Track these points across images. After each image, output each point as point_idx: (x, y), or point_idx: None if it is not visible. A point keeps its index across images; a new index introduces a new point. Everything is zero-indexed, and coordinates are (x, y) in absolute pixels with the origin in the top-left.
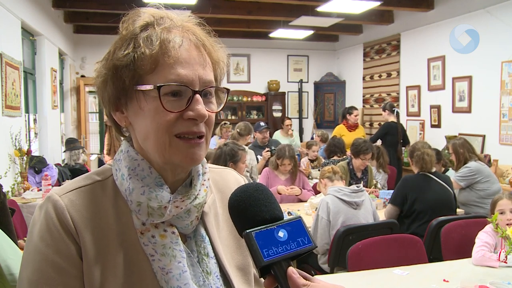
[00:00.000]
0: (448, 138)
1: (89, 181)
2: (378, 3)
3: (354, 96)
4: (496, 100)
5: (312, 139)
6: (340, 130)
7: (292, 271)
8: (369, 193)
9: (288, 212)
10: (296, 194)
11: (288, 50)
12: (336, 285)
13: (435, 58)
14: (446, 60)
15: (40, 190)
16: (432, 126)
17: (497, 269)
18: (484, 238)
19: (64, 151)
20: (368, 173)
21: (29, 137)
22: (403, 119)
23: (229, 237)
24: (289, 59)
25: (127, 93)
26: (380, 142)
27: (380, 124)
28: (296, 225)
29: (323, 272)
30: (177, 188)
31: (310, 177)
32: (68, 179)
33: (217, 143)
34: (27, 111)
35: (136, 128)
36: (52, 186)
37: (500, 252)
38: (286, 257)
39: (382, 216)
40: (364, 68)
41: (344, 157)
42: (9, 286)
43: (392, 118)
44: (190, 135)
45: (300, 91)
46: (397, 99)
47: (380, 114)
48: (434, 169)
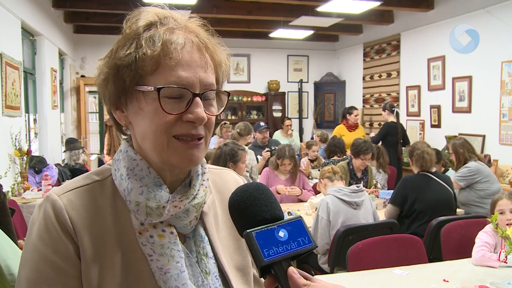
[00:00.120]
0: (448, 138)
1: (88, 181)
2: (378, 3)
3: (354, 96)
4: (496, 100)
5: (312, 139)
6: (340, 130)
7: (293, 271)
8: (369, 193)
9: (288, 212)
10: (296, 195)
11: (288, 50)
12: (336, 285)
13: (435, 58)
14: (446, 60)
15: (40, 190)
16: (432, 126)
17: (497, 269)
18: (484, 238)
19: (64, 151)
20: (368, 173)
21: (29, 137)
22: (403, 119)
23: (228, 237)
24: (289, 59)
25: (127, 93)
26: (380, 142)
27: (380, 124)
28: (297, 225)
29: (323, 272)
30: (176, 188)
31: (310, 177)
32: (68, 179)
33: (216, 142)
34: (27, 111)
35: (136, 127)
36: (52, 186)
37: (500, 252)
38: (287, 257)
39: (382, 216)
40: (364, 68)
41: (344, 157)
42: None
43: (392, 118)
44: (188, 137)
45: (300, 91)
46: (397, 99)
47: (380, 114)
48: (434, 169)
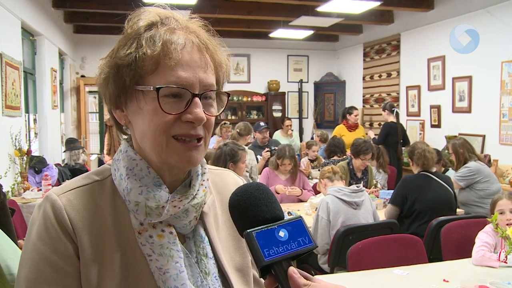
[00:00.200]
0: (448, 138)
1: (87, 180)
2: (378, 3)
3: (354, 96)
4: (496, 100)
5: (312, 139)
6: (340, 130)
7: (293, 271)
8: (369, 193)
9: (288, 212)
10: (296, 195)
11: (288, 50)
12: (336, 285)
13: (435, 58)
14: (446, 60)
15: (40, 190)
16: (432, 126)
17: (497, 269)
18: (484, 238)
19: (64, 151)
20: (368, 173)
21: (29, 137)
22: (403, 119)
23: (228, 238)
24: (289, 59)
25: (127, 92)
26: None
27: (380, 124)
28: (297, 225)
29: (323, 272)
30: (176, 188)
31: (310, 177)
32: (68, 179)
33: (216, 142)
34: (27, 111)
35: (135, 127)
36: (52, 186)
37: (500, 252)
38: (287, 257)
39: (382, 216)
40: (364, 68)
41: (344, 157)
42: (9, 286)
43: (391, 118)
44: (187, 137)
45: (300, 91)
46: (397, 99)
47: (380, 114)
48: (434, 169)
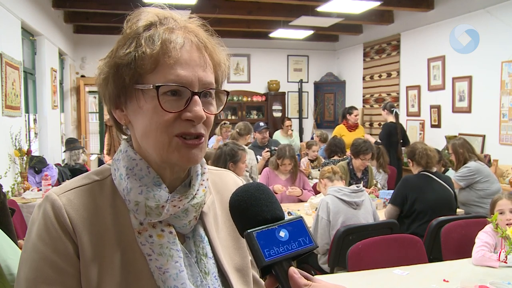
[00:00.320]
0: (448, 138)
1: (87, 180)
2: (378, 3)
3: (354, 96)
4: (496, 100)
5: (312, 139)
6: (340, 130)
7: (294, 271)
8: (369, 193)
9: (288, 212)
10: (297, 195)
11: (288, 50)
12: (337, 285)
13: (435, 58)
14: (446, 60)
15: (40, 190)
16: (432, 126)
17: (497, 269)
18: (484, 238)
19: (64, 151)
20: (368, 173)
21: (29, 137)
22: (403, 119)
23: (228, 238)
24: (289, 59)
25: (127, 92)
26: (380, 142)
27: (380, 124)
28: (297, 225)
29: (323, 272)
30: (175, 187)
31: (310, 177)
32: (68, 179)
33: (215, 141)
34: (27, 111)
35: (135, 126)
36: (52, 186)
37: (500, 252)
38: (287, 257)
39: (382, 216)
40: (364, 68)
41: (344, 157)
42: (9, 286)
43: (391, 118)
44: (188, 135)
45: (300, 91)
46: (397, 99)
47: (380, 114)
48: (434, 169)
